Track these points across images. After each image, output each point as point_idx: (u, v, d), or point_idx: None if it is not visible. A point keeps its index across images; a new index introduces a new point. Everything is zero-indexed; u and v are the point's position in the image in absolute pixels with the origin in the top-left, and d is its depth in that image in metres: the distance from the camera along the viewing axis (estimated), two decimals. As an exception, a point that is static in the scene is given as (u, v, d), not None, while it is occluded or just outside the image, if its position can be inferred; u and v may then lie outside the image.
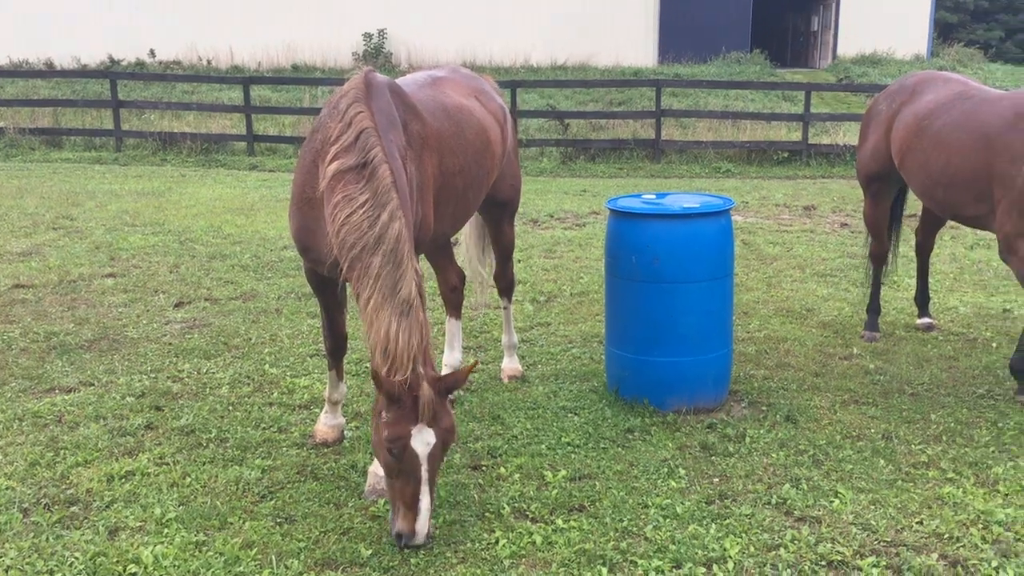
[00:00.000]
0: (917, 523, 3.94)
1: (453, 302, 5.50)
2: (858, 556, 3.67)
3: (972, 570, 3.60)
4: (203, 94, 22.18)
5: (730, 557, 3.64)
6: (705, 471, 4.44)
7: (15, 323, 6.75)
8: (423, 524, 3.62)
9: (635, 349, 5.16)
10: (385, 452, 3.62)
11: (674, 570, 3.58)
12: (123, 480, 4.36)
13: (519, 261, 8.44)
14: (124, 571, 3.60)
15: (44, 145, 17.55)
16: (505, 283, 5.73)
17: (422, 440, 3.58)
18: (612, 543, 3.78)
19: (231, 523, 3.98)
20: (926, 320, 6.77)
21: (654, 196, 5.45)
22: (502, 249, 5.60)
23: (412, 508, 3.61)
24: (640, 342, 5.14)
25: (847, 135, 17.57)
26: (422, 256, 5.05)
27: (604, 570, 3.58)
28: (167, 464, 4.53)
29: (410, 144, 4.13)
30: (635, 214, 5.09)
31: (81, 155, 16.96)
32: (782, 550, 3.71)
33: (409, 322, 3.57)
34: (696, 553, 3.68)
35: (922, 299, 6.84)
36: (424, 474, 3.60)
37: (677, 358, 5.07)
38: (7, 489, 4.22)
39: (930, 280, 7.03)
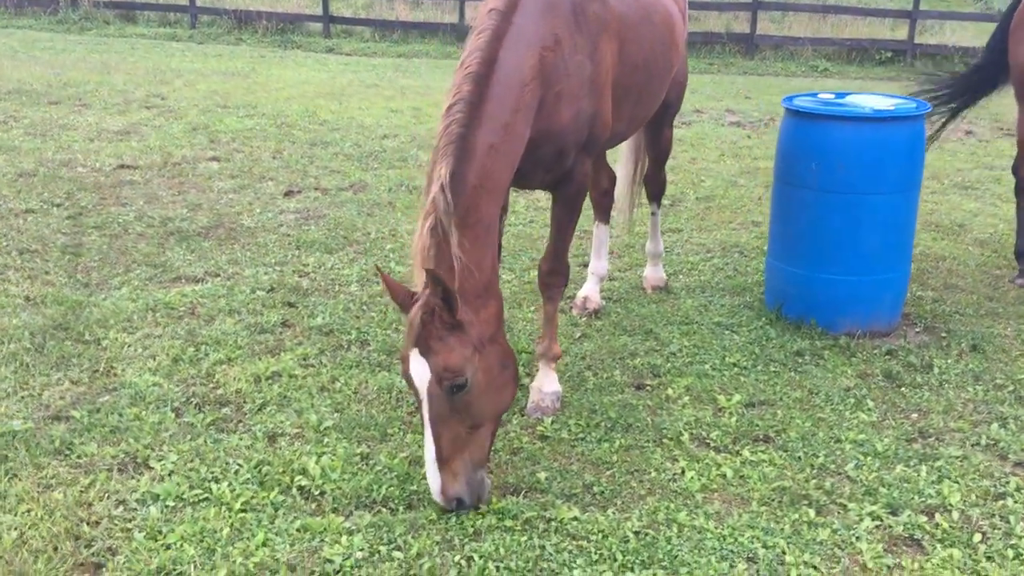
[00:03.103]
0: None
1: (603, 206, 5.08)
2: (1098, 512, 3.32)
3: None
4: (275, -30, 21.43)
5: (952, 506, 3.30)
6: (897, 404, 4.07)
7: (127, 206, 6.50)
8: (431, 479, 3.08)
9: (806, 265, 4.74)
10: None
11: (891, 517, 3.25)
12: (270, 381, 4.12)
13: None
14: (292, 483, 3.37)
15: (118, 19, 17.12)
16: (657, 187, 5.28)
17: (417, 368, 3.02)
18: (813, 482, 3.46)
19: (391, 435, 3.73)
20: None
21: (832, 96, 4.93)
22: (659, 152, 5.12)
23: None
24: (813, 257, 4.71)
25: (955, 35, 16.49)
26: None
27: (811, 512, 3.27)
28: (312, 366, 4.28)
29: (580, 29, 3.61)
30: (819, 115, 4.60)
31: (156, 31, 16.54)
32: (1009, 500, 3.35)
33: (423, 226, 3.12)
34: (912, 499, 3.34)
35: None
36: (424, 411, 3.04)
37: (854, 276, 4.65)
38: (154, 386, 4.01)
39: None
